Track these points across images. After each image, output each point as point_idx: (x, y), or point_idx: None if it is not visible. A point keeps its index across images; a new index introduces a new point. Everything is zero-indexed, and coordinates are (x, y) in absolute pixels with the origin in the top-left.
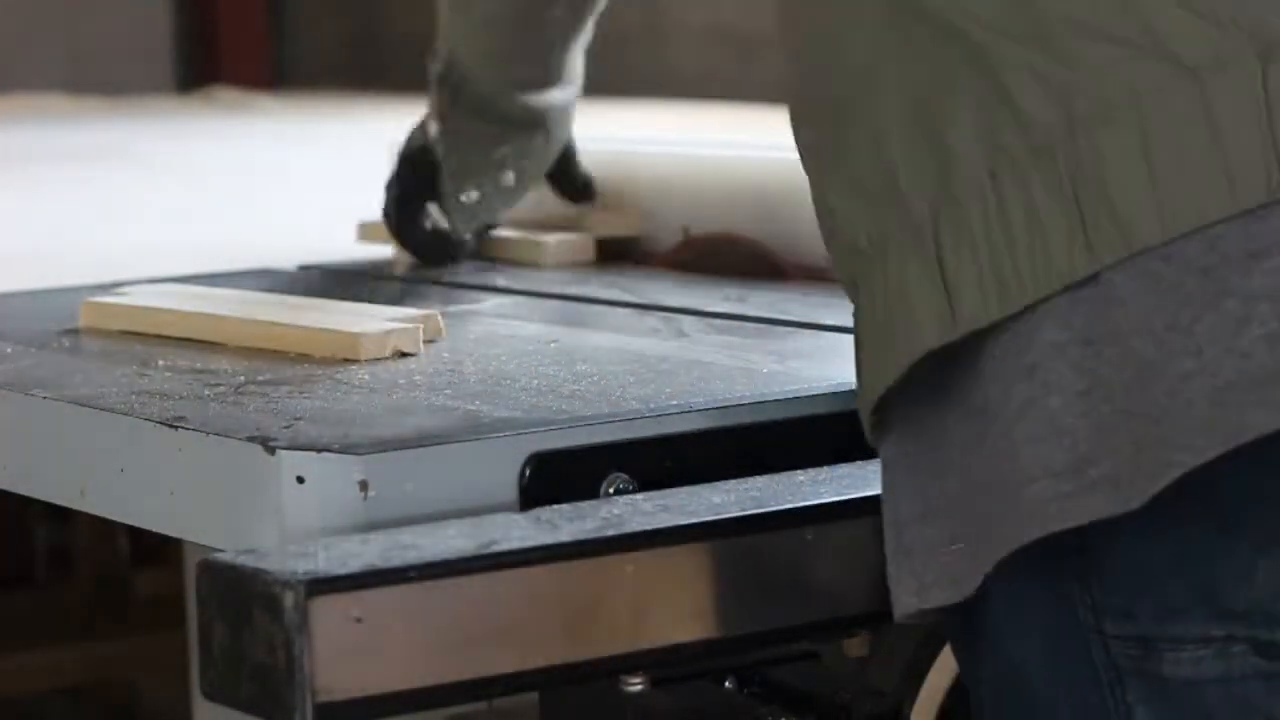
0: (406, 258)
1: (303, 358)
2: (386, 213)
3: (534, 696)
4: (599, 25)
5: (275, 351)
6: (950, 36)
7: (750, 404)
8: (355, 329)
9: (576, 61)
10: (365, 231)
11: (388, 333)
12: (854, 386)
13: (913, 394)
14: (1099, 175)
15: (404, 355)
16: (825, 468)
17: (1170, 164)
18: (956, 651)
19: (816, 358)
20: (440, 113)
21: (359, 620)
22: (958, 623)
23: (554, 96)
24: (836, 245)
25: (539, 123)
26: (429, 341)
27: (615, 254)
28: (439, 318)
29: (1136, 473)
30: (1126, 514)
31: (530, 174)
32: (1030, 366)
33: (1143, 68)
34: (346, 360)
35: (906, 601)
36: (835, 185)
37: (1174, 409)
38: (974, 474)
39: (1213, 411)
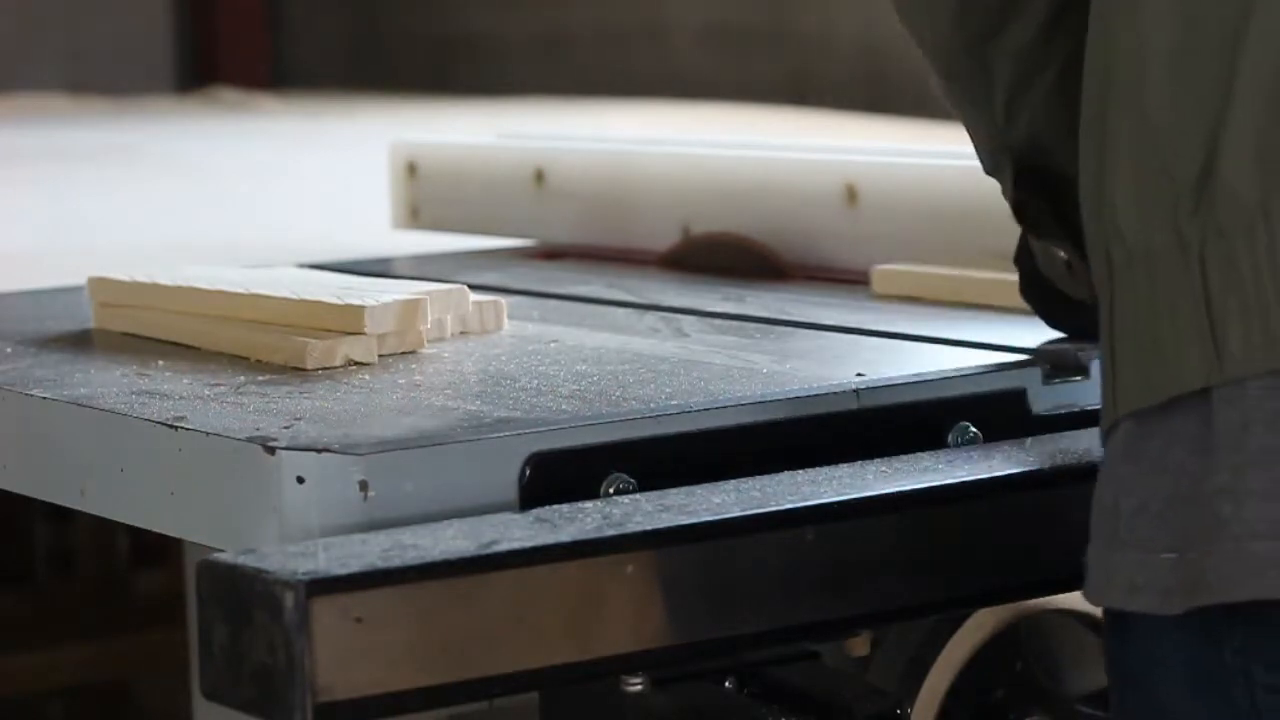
0: None
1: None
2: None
3: (534, 696)
4: (599, 25)
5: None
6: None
7: (750, 404)
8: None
9: None
10: None
11: (338, 342)
12: (853, 386)
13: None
14: None
15: (358, 364)
16: (825, 467)
17: None
18: (1109, 659)
19: (816, 358)
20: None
21: (359, 620)
22: (1115, 634)
23: None
24: (1101, 232)
25: None
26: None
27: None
28: (466, 291)
29: None
30: None
31: None
32: (1275, 413)
33: None
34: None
35: (1114, 596)
36: (1111, 174)
37: None
38: (1196, 492)
39: None
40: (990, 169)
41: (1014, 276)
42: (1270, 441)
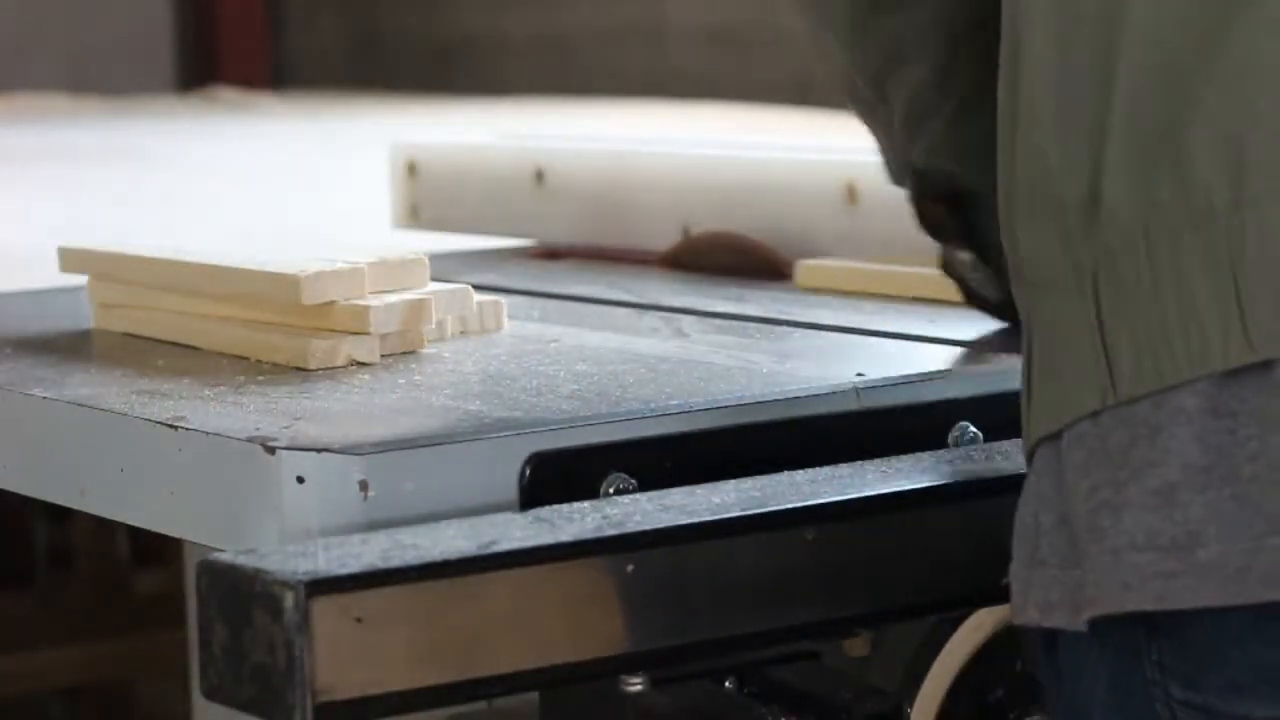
0: None
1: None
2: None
3: (534, 696)
4: (599, 25)
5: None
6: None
7: (750, 404)
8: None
9: None
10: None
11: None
12: (853, 386)
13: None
14: (1264, 256)
15: (360, 364)
16: (825, 468)
17: None
18: (1043, 669)
19: (816, 358)
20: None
21: (359, 620)
22: (1047, 645)
23: None
24: (1013, 262)
25: None
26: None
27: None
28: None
29: (1247, 572)
30: None
31: None
32: (1157, 427)
33: None
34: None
35: (1030, 614)
36: (1014, 203)
37: None
38: (1086, 508)
39: None
40: (895, 180)
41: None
42: (1150, 455)
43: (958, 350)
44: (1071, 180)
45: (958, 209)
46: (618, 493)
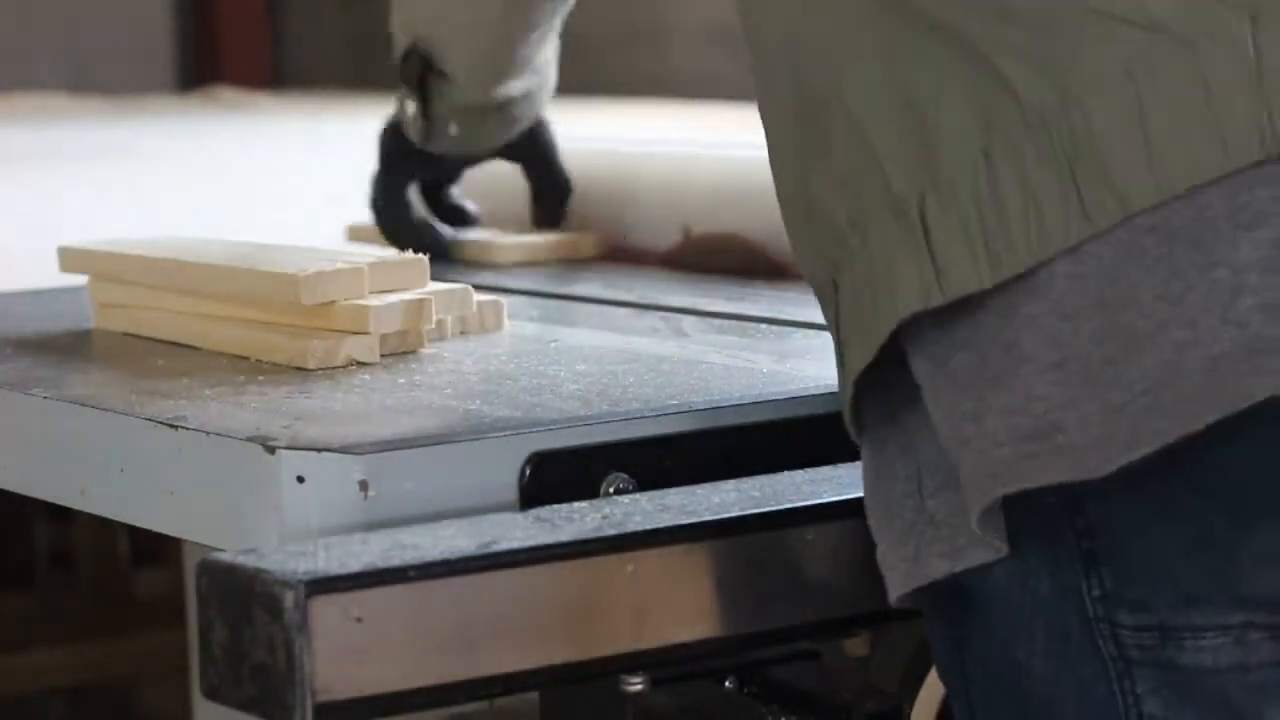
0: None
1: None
2: (374, 204)
3: (534, 696)
4: (601, 25)
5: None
6: (935, 24)
7: (750, 404)
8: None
9: (544, 54)
10: (354, 233)
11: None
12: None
13: (896, 373)
14: (1093, 144)
15: (360, 364)
16: (825, 468)
17: (1164, 129)
18: (941, 655)
19: (816, 358)
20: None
21: (359, 620)
22: (944, 623)
23: (514, 87)
24: (813, 231)
25: (495, 107)
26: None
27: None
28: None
29: (1110, 441)
30: (1142, 502)
31: (482, 145)
32: (1008, 341)
33: (1134, 41)
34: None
35: (938, 565)
36: (817, 176)
37: (1165, 378)
38: (948, 427)
39: (1209, 380)
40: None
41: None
42: (1005, 364)
43: None
44: (895, 122)
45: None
46: (618, 493)
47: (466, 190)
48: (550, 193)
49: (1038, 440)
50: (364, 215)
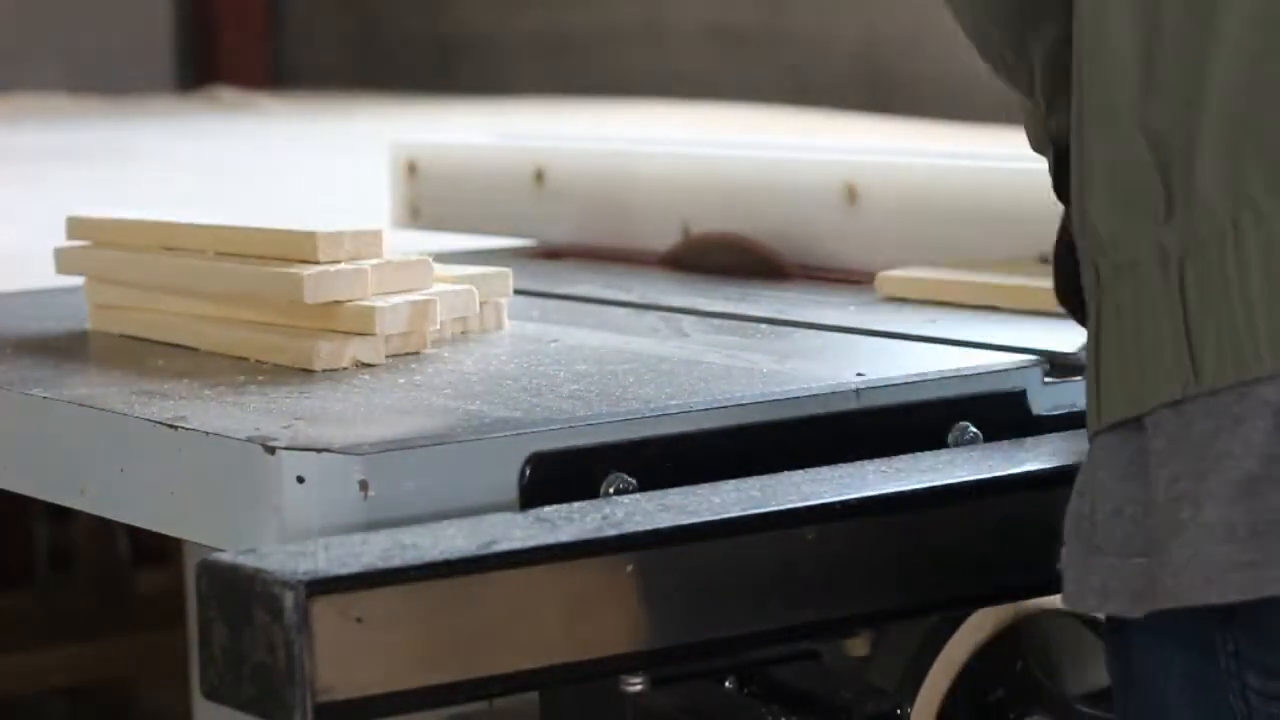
0: None
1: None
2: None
3: (534, 696)
4: (601, 25)
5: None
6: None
7: (750, 404)
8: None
9: None
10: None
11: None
12: (853, 386)
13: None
14: None
15: (365, 365)
16: (825, 468)
17: None
18: (1109, 662)
19: (816, 358)
20: None
21: (359, 620)
22: (1114, 638)
23: None
24: (1085, 244)
25: None
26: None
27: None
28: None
29: None
30: None
31: None
32: (1238, 418)
33: None
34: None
35: (1089, 602)
36: (1090, 185)
37: None
38: (1166, 497)
39: None
40: (1035, 148)
41: (1021, 280)
42: (1231, 446)
43: (958, 350)
44: (1159, 164)
45: None
46: (618, 493)
47: None
48: None
49: (1256, 544)
50: (364, 214)
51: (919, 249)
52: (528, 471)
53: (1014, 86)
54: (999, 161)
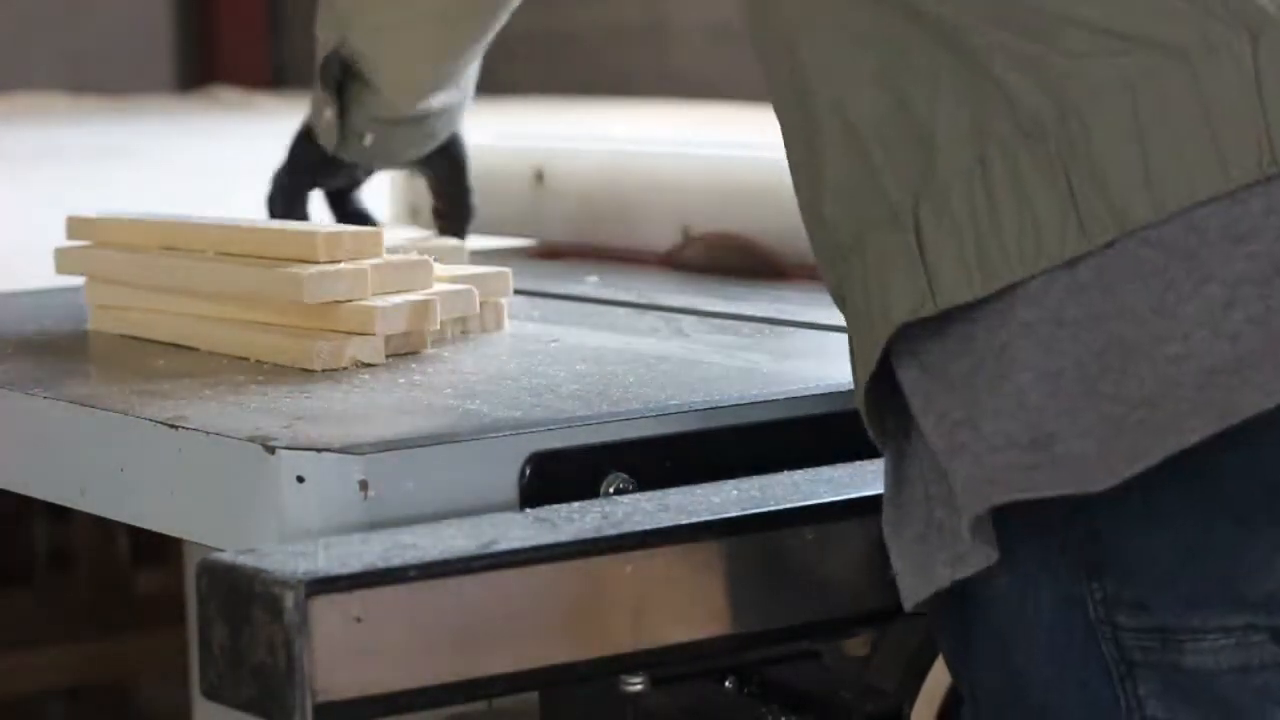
0: None
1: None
2: (271, 203)
3: (534, 696)
4: (602, 25)
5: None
6: (931, 22)
7: (750, 404)
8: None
9: (471, 68)
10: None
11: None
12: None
13: (905, 371)
14: (1091, 157)
15: (365, 365)
16: (825, 468)
17: (1163, 144)
18: (951, 659)
19: (816, 358)
20: (326, 98)
21: (359, 620)
22: (952, 629)
23: (436, 101)
24: (825, 251)
25: (414, 120)
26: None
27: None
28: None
29: (1109, 454)
30: (1142, 508)
31: (396, 157)
32: (1002, 345)
33: (1133, 54)
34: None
35: (942, 573)
36: (824, 194)
37: (1160, 392)
38: (940, 431)
39: (1201, 394)
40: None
41: None
42: (999, 368)
43: None
44: (892, 130)
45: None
46: (618, 493)
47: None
48: (455, 209)
49: (1036, 450)
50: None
51: None
52: (528, 471)
53: None
54: None
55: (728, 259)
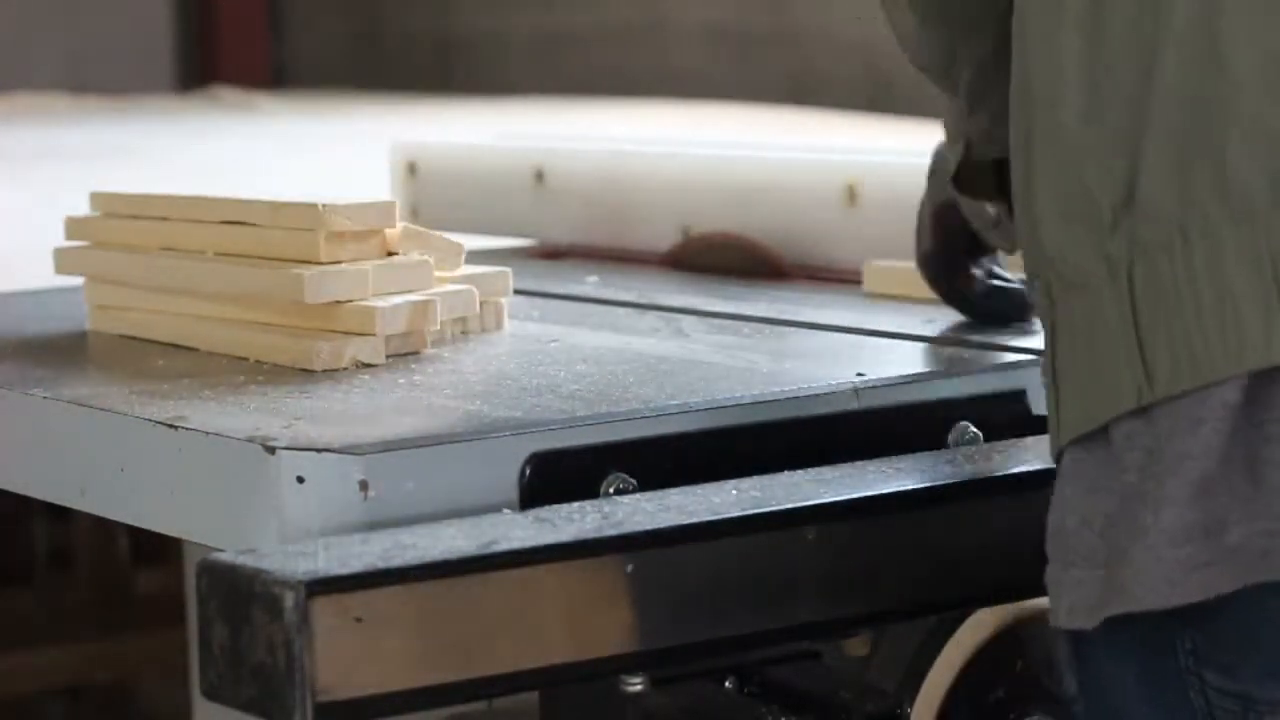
0: None
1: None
2: (936, 279)
3: (534, 696)
4: (601, 25)
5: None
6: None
7: (750, 404)
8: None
9: None
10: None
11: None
12: (853, 386)
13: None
14: None
15: (365, 366)
16: (825, 467)
17: None
18: (1068, 665)
19: (816, 358)
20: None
21: (359, 620)
22: (1074, 644)
23: None
24: (1034, 259)
25: None
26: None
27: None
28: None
29: (1273, 547)
30: None
31: None
32: (1198, 420)
33: None
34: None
35: (1059, 617)
36: (1037, 198)
37: None
38: (1125, 505)
39: None
40: (950, 139)
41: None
42: (1189, 449)
43: (958, 350)
44: (1105, 174)
45: (1000, 169)
46: (618, 493)
47: None
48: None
49: (1208, 543)
50: None
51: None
52: (528, 471)
53: (941, 87)
54: None
55: (728, 259)
